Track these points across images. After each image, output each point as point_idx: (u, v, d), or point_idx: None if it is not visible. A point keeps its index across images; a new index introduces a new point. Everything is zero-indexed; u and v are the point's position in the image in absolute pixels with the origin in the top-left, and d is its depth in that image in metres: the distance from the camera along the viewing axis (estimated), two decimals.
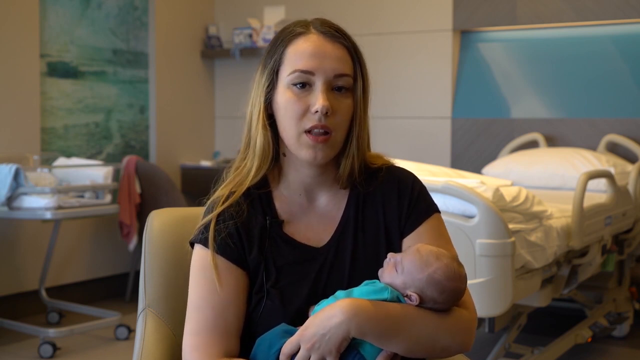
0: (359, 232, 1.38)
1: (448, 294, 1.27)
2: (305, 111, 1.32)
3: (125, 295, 4.74)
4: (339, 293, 1.29)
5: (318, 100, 1.30)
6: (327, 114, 1.30)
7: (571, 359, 3.51)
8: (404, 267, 1.28)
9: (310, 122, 1.31)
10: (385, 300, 1.26)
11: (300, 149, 1.33)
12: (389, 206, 1.40)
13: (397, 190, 1.41)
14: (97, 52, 4.70)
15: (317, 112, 1.30)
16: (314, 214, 1.40)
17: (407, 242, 1.38)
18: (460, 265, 1.30)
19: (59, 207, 3.63)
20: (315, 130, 1.31)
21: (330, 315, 1.22)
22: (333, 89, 1.33)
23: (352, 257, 1.36)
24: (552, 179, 3.97)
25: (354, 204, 1.40)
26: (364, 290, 1.28)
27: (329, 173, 1.40)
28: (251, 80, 1.41)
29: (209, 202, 1.41)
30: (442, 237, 1.39)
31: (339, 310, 1.22)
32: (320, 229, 1.39)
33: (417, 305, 1.27)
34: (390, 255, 1.31)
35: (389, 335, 1.23)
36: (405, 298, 1.28)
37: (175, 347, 1.46)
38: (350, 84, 1.35)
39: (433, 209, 1.42)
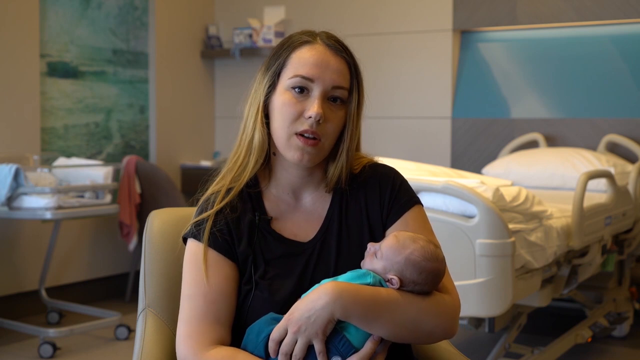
0: (343, 228, 1.43)
1: (427, 274, 1.31)
2: (299, 115, 1.38)
3: (125, 295, 4.74)
4: (325, 281, 1.32)
5: (313, 107, 1.37)
6: (319, 121, 1.36)
7: (571, 359, 3.51)
8: (383, 253, 1.32)
9: (302, 126, 1.37)
10: (368, 284, 1.30)
11: (289, 150, 1.38)
12: (371, 201, 1.45)
13: (378, 185, 1.46)
14: (97, 52, 4.70)
15: (310, 117, 1.36)
16: (301, 212, 1.46)
17: (389, 233, 1.42)
18: (437, 247, 1.35)
19: (59, 207, 3.63)
20: (306, 134, 1.37)
21: (315, 298, 1.26)
22: (328, 98, 1.39)
23: (337, 251, 1.41)
24: (552, 179, 3.97)
25: (338, 203, 1.45)
26: (347, 277, 1.33)
27: (315, 175, 1.46)
28: (252, 80, 1.46)
29: (202, 199, 1.45)
30: (424, 228, 1.44)
31: (323, 292, 1.26)
32: (306, 226, 1.44)
33: (399, 289, 1.31)
34: (369, 245, 1.36)
35: (373, 317, 1.27)
36: (387, 283, 1.32)
37: (175, 347, 1.46)
38: (346, 96, 1.41)
39: (414, 200, 1.46)
